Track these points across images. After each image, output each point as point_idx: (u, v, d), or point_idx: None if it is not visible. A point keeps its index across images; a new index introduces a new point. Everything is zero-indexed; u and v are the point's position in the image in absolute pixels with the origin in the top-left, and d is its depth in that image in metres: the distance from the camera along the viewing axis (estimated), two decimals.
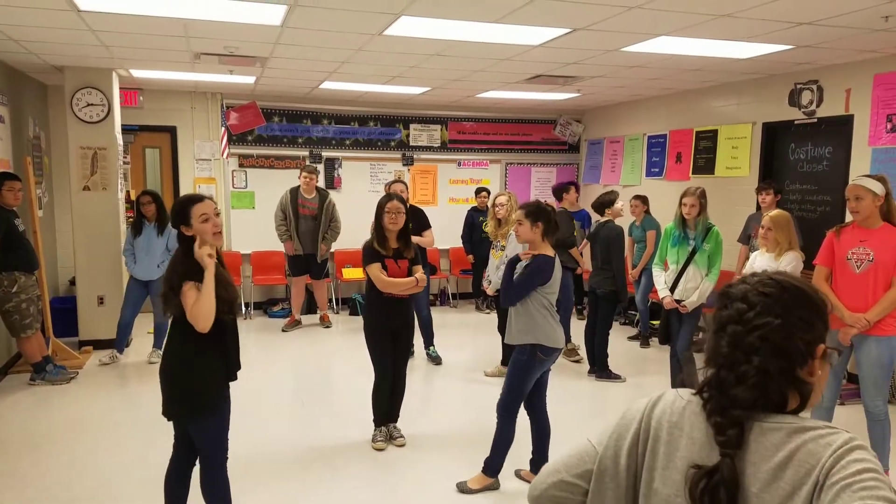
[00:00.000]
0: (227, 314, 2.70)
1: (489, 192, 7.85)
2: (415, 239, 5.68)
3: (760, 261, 4.34)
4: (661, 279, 4.91)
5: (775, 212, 4.33)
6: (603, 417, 4.92)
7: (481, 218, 7.58)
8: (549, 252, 3.53)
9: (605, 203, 5.66)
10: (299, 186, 7.06)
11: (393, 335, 4.10)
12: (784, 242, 4.09)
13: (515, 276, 3.54)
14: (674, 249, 4.84)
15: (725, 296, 1.20)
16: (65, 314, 6.44)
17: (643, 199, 6.81)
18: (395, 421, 4.27)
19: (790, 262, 4.05)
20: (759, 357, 1.11)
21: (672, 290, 4.81)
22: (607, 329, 5.64)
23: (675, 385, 4.94)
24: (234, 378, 2.83)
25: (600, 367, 5.61)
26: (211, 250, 2.65)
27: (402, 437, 4.19)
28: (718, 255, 4.73)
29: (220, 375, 2.75)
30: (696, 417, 1.18)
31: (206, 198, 2.75)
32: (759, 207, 5.98)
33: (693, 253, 4.74)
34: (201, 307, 2.58)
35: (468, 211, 8.04)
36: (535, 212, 3.52)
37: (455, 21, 4.14)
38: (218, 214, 2.76)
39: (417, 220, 5.87)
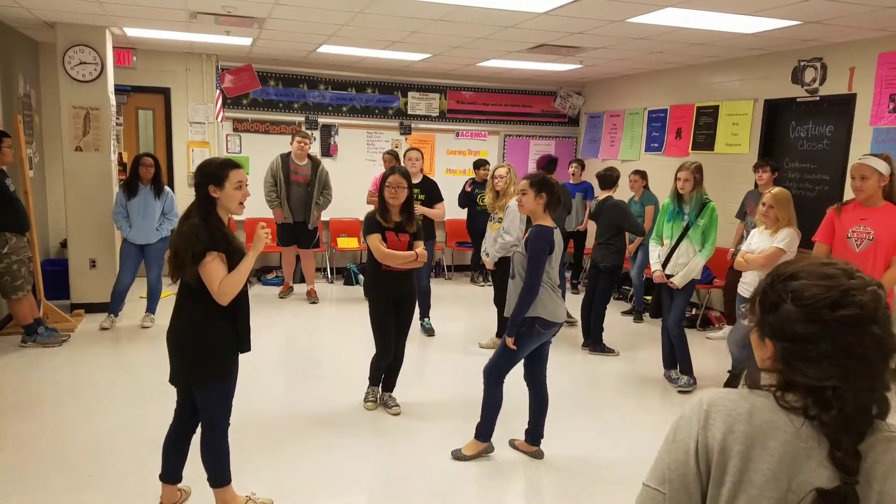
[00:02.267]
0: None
1: (489, 165, 7.78)
2: (426, 211, 5.72)
3: (759, 238, 4.34)
4: (654, 254, 4.92)
5: (776, 189, 4.31)
6: (597, 390, 4.96)
7: (477, 190, 7.53)
8: (549, 223, 3.51)
9: (610, 179, 5.67)
10: (290, 153, 6.89)
11: (394, 307, 4.08)
12: (784, 220, 4.09)
13: (515, 262, 3.50)
14: (668, 224, 4.83)
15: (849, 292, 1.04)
16: (56, 277, 6.37)
17: (642, 175, 6.78)
18: (391, 391, 4.28)
19: (785, 238, 4.06)
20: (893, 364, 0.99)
21: (664, 265, 4.80)
22: (605, 303, 5.65)
23: (667, 359, 5.03)
24: (248, 348, 2.82)
25: (595, 341, 5.63)
26: (268, 230, 2.76)
27: (397, 406, 4.21)
28: (713, 230, 4.68)
29: (231, 342, 2.75)
30: (769, 423, 1.04)
31: (241, 167, 2.77)
32: (756, 185, 5.99)
33: (687, 228, 4.72)
34: (235, 283, 2.64)
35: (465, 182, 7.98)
36: (540, 182, 3.49)
37: None
38: (246, 185, 2.77)
39: (430, 192, 5.84)
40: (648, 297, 6.99)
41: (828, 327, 1.01)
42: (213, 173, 2.68)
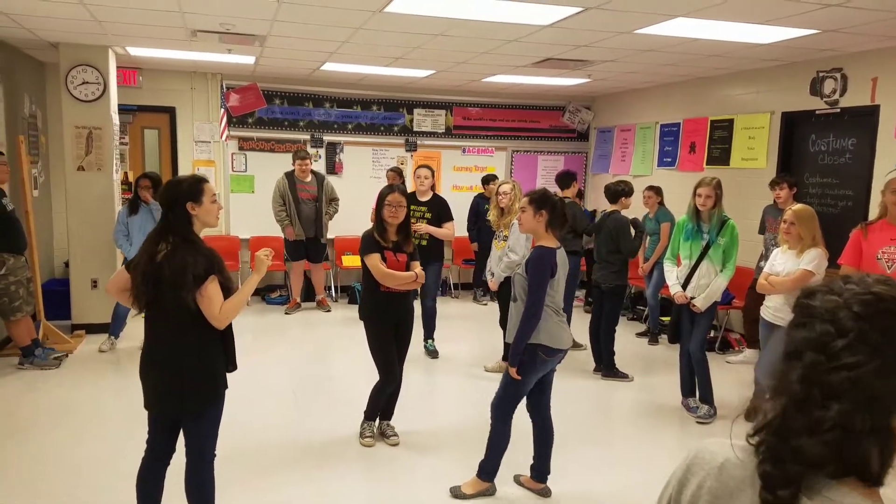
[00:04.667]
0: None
1: (498, 180, 7.69)
2: (433, 230, 5.57)
3: (783, 258, 4.11)
4: (672, 274, 4.67)
5: (798, 206, 4.09)
6: (608, 419, 4.72)
7: (486, 206, 7.41)
8: (552, 244, 3.31)
9: (619, 192, 5.43)
10: (293, 171, 6.97)
11: (393, 329, 3.91)
12: (808, 238, 3.86)
13: (515, 284, 3.31)
14: (686, 243, 4.58)
15: (806, 309, 0.91)
16: (60, 296, 6.30)
17: (657, 190, 6.56)
18: (390, 419, 4.09)
19: (813, 260, 3.82)
20: (841, 405, 0.82)
21: (684, 286, 4.55)
22: (613, 326, 5.42)
23: (685, 386, 4.78)
24: (234, 367, 2.73)
25: (606, 366, 5.40)
26: (269, 259, 2.71)
27: (395, 435, 4.01)
28: (734, 250, 4.45)
29: (222, 365, 2.67)
30: (736, 479, 0.93)
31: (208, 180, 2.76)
32: (774, 202, 5.77)
33: (707, 247, 4.48)
34: (236, 307, 2.59)
35: (474, 198, 7.87)
36: (541, 199, 3.29)
37: None
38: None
39: (439, 210, 5.68)
40: (664, 319, 6.74)
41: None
42: (189, 190, 2.60)
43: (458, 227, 7.89)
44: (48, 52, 6.12)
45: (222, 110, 7.62)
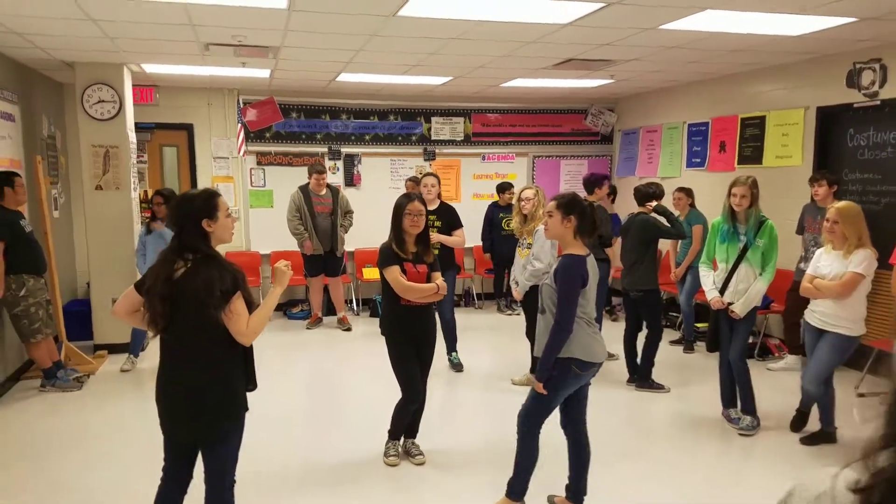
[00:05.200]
0: None
1: (513, 189, 7.55)
2: (443, 238, 5.38)
3: (828, 260, 3.86)
4: (708, 279, 4.43)
5: (842, 203, 3.84)
6: (645, 432, 4.48)
7: (502, 214, 7.29)
8: (580, 251, 3.12)
9: (648, 195, 5.20)
10: (308, 184, 6.87)
11: (415, 343, 3.75)
12: (853, 238, 3.61)
13: (543, 295, 3.13)
14: (723, 246, 4.33)
15: None
16: (83, 317, 6.27)
17: (687, 192, 6.30)
18: (414, 437, 3.92)
19: (862, 262, 3.56)
20: None
21: (721, 291, 4.30)
22: (657, 335, 5.16)
23: (726, 396, 4.53)
24: (255, 387, 2.62)
25: (642, 376, 5.16)
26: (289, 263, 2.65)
27: (420, 454, 3.84)
28: (773, 251, 4.19)
29: (242, 385, 2.56)
30: None
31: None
32: (812, 201, 5.50)
33: (745, 250, 4.22)
34: (262, 321, 2.48)
35: (488, 206, 7.69)
36: (569, 204, 3.09)
37: None
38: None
39: (448, 218, 5.51)
40: (699, 325, 6.48)
41: None
42: (203, 206, 2.49)
43: (475, 236, 7.86)
44: (65, 72, 6.11)
45: (239, 125, 7.57)
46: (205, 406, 2.45)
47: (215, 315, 2.36)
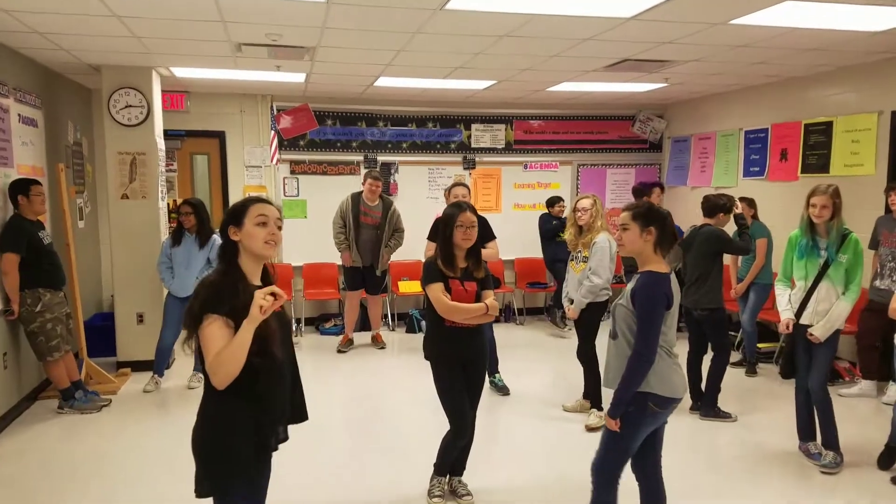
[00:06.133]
0: (255, 355, 1.99)
1: (564, 202, 7.37)
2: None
3: None
4: (784, 298, 3.99)
5: None
6: (714, 468, 4.01)
7: (555, 222, 7.07)
8: (662, 268, 2.71)
9: (719, 206, 4.76)
10: (361, 192, 6.45)
11: (462, 369, 3.35)
12: None
13: (617, 318, 2.73)
14: (801, 262, 3.90)
15: None
16: (107, 332, 6.00)
17: (750, 202, 5.85)
18: (461, 474, 3.51)
19: None
20: None
21: (799, 312, 3.88)
22: (725, 358, 4.73)
23: (804, 428, 4.06)
24: (274, 445, 2.17)
25: (707, 404, 4.70)
26: (267, 303, 1.96)
27: (469, 494, 3.43)
28: (858, 268, 3.77)
29: (249, 439, 2.07)
30: None
31: (273, 203, 2.21)
32: (888, 211, 5.05)
33: (825, 266, 3.80)
34: (228, 359, 1.95)
35: (540, 217, 7.41)
36: (647, 214, 2.70)
37: None
38: (280, 227, 2.18)
39: (482, 230, 5.06)
40: (762, 345, 6.00)
41: None
42: (232, 211, 2.15)
43: (516, 248, 7.52)
44: (93, 76, 5.89)
45: (272, 133, 7.30)
46: (199, 457, 2.08)
47: (188, 341, 2.05)
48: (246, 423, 2.06)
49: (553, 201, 7.42)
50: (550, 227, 7.32)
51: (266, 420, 2.11)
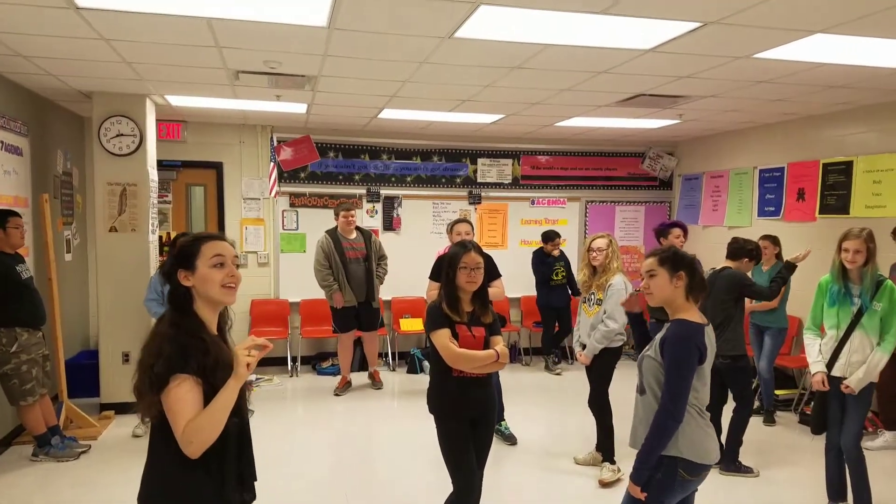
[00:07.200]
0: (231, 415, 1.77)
1: (560, 238, 7.11)
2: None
3: None
4: (814, 348, 3.72)
5: None
6: None
7: (548, 258, 6.88)
8: (696, 317, 2.44)
9: (745, 251, 4.49)
10: (336, 228, 6.20)
11: (470, 424, 3.06)
12: None
13: (644, 371, 2.45)
14: (832, 310, 3.66)
15: None
16: (91, 371, 5.68)
17: (774, 240, 5.60)
18: None
19: None
20: None
21: (830, 363, 3.62)
22: (747, 409, 4.44)
23: (833, 487, 3.73)
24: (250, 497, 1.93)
25: (728, 458, 4.36)
26: (250, 356, 1.75)
27: None
28: (894, 316, 3.52)
29: (216, 495, 1.83)
30: None
31: (227, 239, 1.92)
32: None
33: (859, 314, 3.56)
34: (207, 426, 1.71)
35: (534, 254, 7.17)
36: (675, 258, 2.46)
37: (549, 12, 3.17)
38: (238, 266, 1.91)
39: (487, 268, 4.77)
40: (780, 392, 5.69)
41: None
42: (180, 253, 1.86)
43: (521, 286, 7.24)
44: (85, 104, 5.68)
45: (272, 164, 7.07)
46: None
47: (142, 408, 1.78)
48: (208, 490, 1.81)
49: (550, 236, 7.04)
50: (540, 271, 7.00)
51: (231, 484, 1.85)
